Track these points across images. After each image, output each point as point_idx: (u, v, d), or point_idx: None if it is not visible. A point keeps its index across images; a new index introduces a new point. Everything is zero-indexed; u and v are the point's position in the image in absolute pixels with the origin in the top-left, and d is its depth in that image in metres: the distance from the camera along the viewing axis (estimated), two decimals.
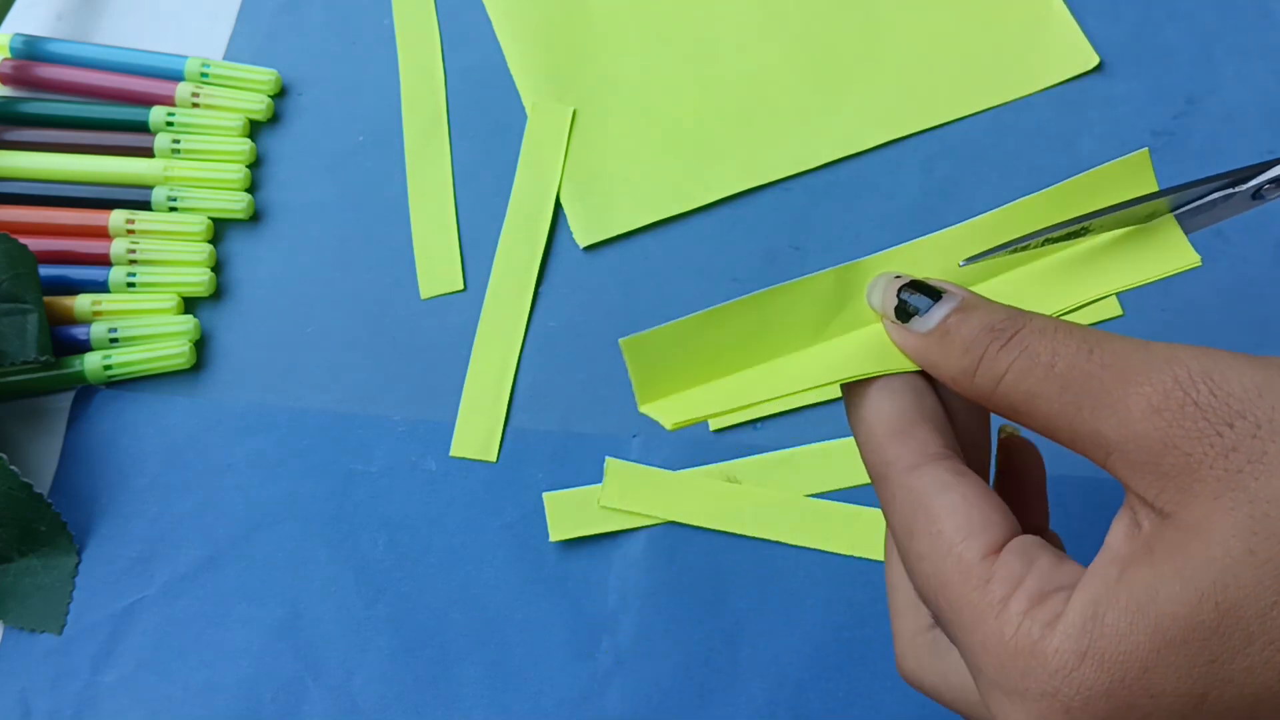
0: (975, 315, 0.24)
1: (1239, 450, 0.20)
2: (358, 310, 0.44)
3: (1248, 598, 0.20)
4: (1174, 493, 0.21)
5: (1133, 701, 0.20)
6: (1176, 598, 0.20)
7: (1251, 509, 0.20)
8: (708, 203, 0.44)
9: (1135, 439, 0.21)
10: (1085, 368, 0.22)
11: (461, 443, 0.41)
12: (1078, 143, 0.44)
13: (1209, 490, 0.20)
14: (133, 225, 0.44)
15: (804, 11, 0.47)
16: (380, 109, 0.47)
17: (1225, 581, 0.20)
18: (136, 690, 0.39)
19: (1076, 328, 0.23)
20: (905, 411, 0.24)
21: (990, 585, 0.22)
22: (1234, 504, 0.20)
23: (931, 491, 0.23)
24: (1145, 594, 0.21)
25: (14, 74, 0.47)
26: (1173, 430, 0.21)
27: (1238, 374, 0.21)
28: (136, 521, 0.41)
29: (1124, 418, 0.21)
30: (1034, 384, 0.22)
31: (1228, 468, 0.20)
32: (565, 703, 0.38)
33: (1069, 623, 0.21)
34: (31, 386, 0.42)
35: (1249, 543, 0.20)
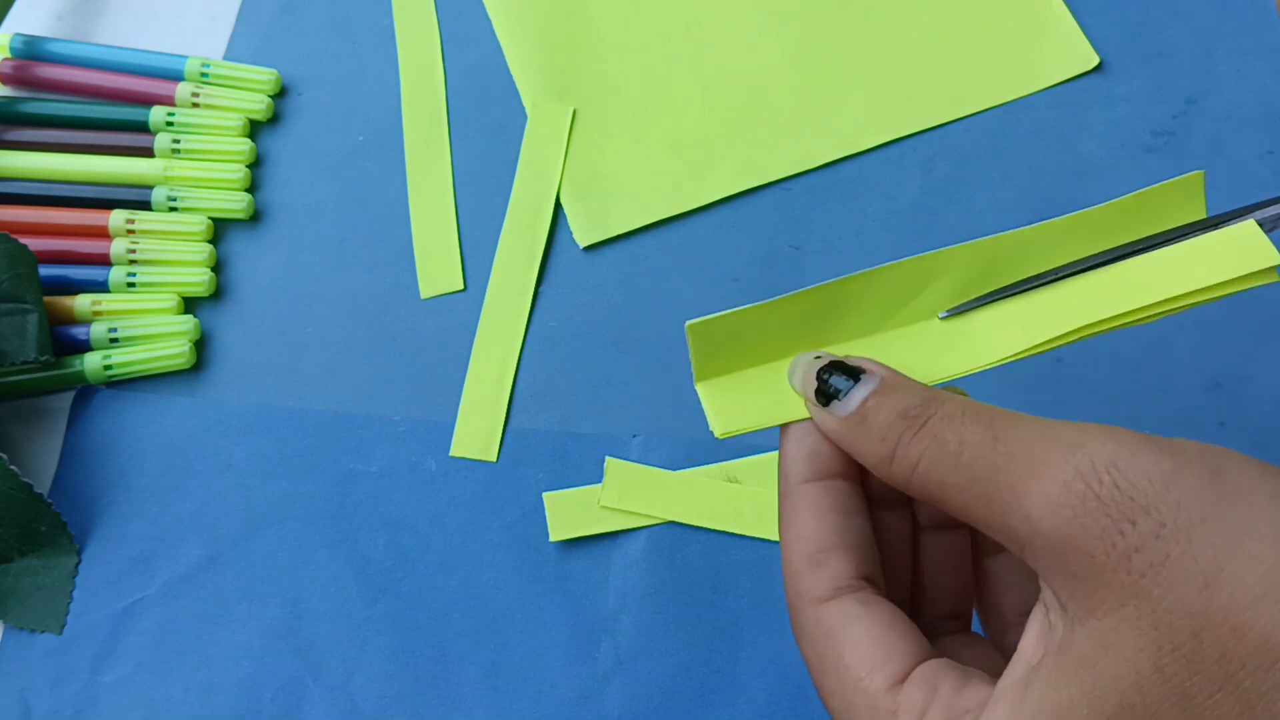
0: (890, 400, 0.23)
1: (1141, 552, 0.19)
2: (358, 310, 0.44)
3: (1154, 716, 0.19)
4: (1082, 596, 0.20)
5: None
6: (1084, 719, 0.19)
7: (1156, 620, 0.19)
8: (708, 203, 0.44)
9: (1040, 536, 0.20)
10: (990, 458, 0.21)
11: (461, 443, 0.41)
12: (1078, 143, 0.44)
13: (1114, 597, 0.19)
14: (133, 225, 0.44)
15: (804, 11, 0.47)
16: (380, 109, 0.47)
17: (1132, 701, 0.19)
18: (136, 690, 0.39)
19: (985, 412, 0.22)
20: (825, 536, 0.24)
21: (896, 718, 0.21)
22: (1139, 615, 0.19)
23: (838, 625, 0.23)
24: (1051, 717, 0.20)
25: (14, 74, 0.47)
26: (1074, 528, 0.20)
27: (1144, 463, 0.20)
28: (136, 521, 0.41)
29: (1027, 514, 0.20)
30: (944, 474, 0.22)
31: (1130, 571, 0.19)
32: (565, 703, 0.38)
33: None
34: (31, 386, 0.42)
35: (1156, 659, 0.19)
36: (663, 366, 0.42)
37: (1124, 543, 0.19)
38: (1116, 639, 0.19)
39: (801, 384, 0.25)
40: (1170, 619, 0.19)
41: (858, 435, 0.23)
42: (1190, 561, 0.19)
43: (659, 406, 0.41)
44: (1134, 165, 0.43)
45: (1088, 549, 0.20)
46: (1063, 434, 0.21)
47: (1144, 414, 0.40)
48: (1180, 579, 0.19)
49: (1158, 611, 0.19)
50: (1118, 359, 0.41)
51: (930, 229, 0.43)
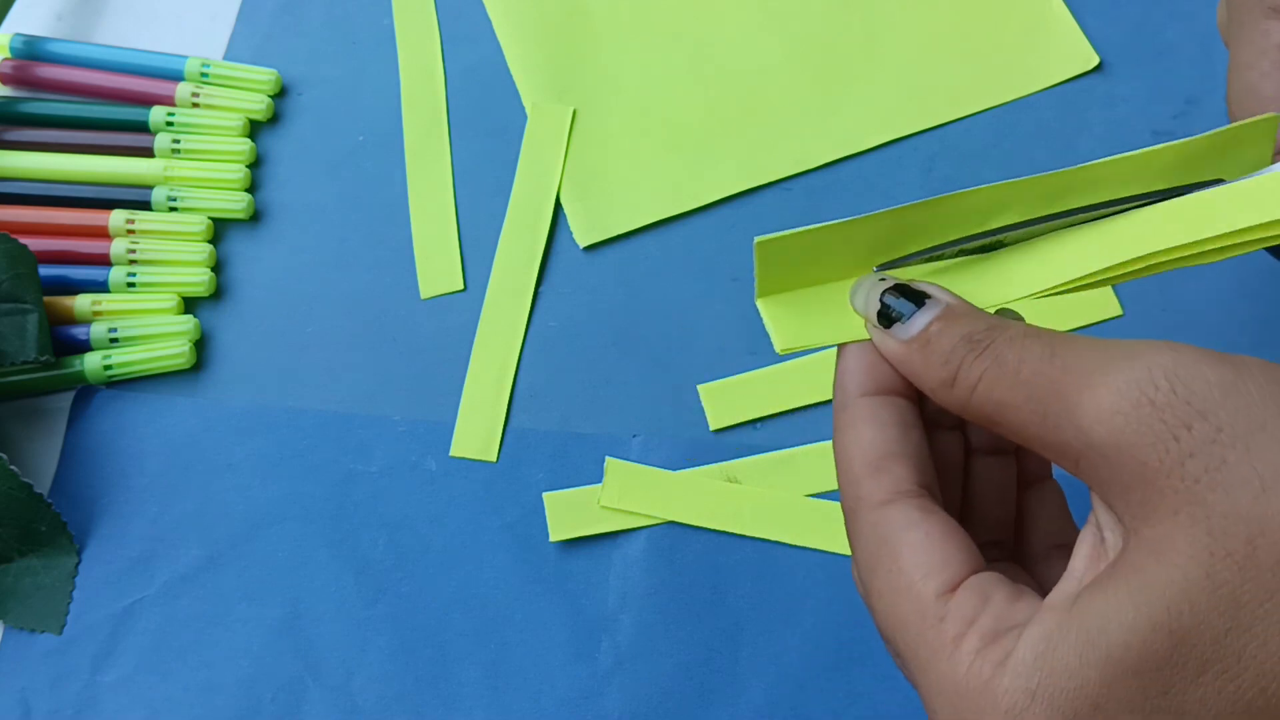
0: (955, 325, 0.23)
1: (1196, 457, 0.19)
2: (358, 310, 0.44)
3: (1202, 624, 0.19)
4: (1134, 507, 0.20)
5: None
6: (1129, 626, 0.19)
7: (1209, 526, 0.19)
8: (708, 203, 0.44)
9: (1093, 447, 0.20)
10: (1048, 373, 0.21)
11: (461, 443, 0.41)
12: (1078, 143, 0.44)
13: (1168, 504, 0.19)
14: (133, 225, 0.44)
15: (804, 11, 0.47)
16: (380, 109, 0.47)
17: (1180, 608, 0.19)
18: (136, 690, 0.39)
19: (1045, 333, 0.22)
20: (886, 446, 0.24)
21: (944, 624, 0.21)
22: (1191, 520, 0.19)
23: (896, 528, 0.23)
24: (1097, 625, 0.20)
25: (14, 74, 0.47)
26: (1128, 434, 0.20)
27: (1201, 371, 0.20)
28: (136, 521, 0.41)
29: (1081, 424, 0.20)
30: (1003, 393, 0.22)
31: (1184, 477, 0.19)
32: (565, 703, 0.38)
33: (1019, 660, 0.20)
34: (31, 386, 0.42)
35: (1207, 566, 0.19)
36: (663, 366, 0.42)
37: (1178, 448, 0.19)
38: (1168, 546, 0.19)
39: (864, 305, 0.25)
40: (1224, 524, 0.18)
41: (919, 359, 0.23)
42: (1247, 467, 0.19)
43: (659, 406, 0.41)
44: None
45: (1141, 456, 0.19)
46: (1118, 347, 0.21)
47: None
48: (1236, 484, 0.19)
49: (1211, 517, 0.19)
50: None
51: None
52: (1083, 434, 0.20)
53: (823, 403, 0.41)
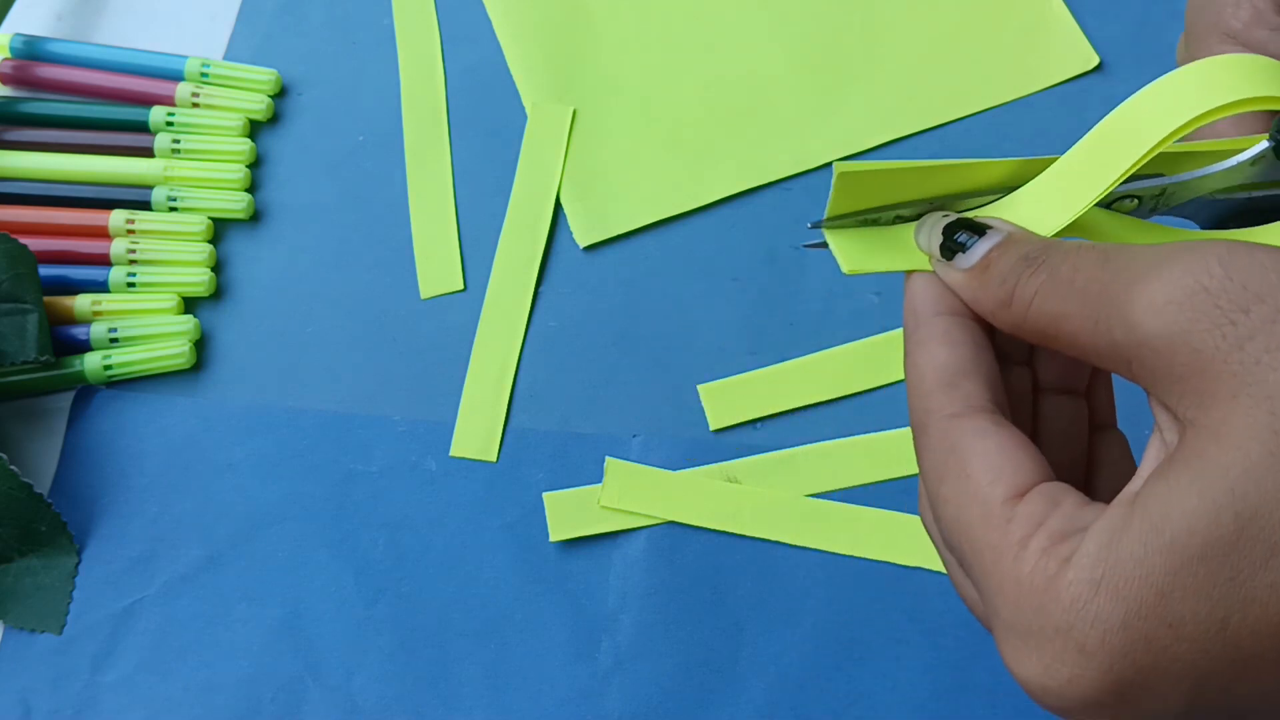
0: (1013, 248, 0.23)
1: (1256, 339, 0.19)
2: (358, 310, 0.44)
3: (1268, 505, 0.18)
4: (1192, 395, 0.19)
5: (1150, 634, 0.19)
6: (1192, 511, 0.19)
7: (1272, 404, 0.18)
8: (708, 203, 0.44)
9: (1147, 342, 0.20)
10: (1101, 278, 0.21)
11: (461, 443, 0.41)
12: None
13: (1226, 388, 0.19)
14: (133, 225, 0.44)
15: (804, 11, 0.47)
16: (380, 109, 0.47)
17: (1244, 489, 0.18)
18: (136, 690, 0.39)
19: (1100, 245, 0.22)
20: (960, 364, 0.24)
21: (1011, 526, 0.21)
22: (1253, 401, 0.18)
23: (967, 437, 0.23)
24: (1160, 512, 0.19)
25: (14, 74, 0.47)
26: (1181, 323, 0.19)
27: (1257, 258, 0.19)
28: (136, 521, 0.41)
29: (1134, 319, 0.20)
30: (1058, 303, 0.22)
31: (1243, 360, 0.19)
32: (565, 703, 0.38)
33: (1084, 553, 0.20)
34: (31, 386, 0.42)
35: (1269, 444, 0.18)
36: (663, 366, 0.42)
37: (1235, 332, 0.19)
38: (1228, 429, 0.19)
39: (928, 240, 0.25)
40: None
41: (980, 284, 0.24)
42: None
43: (659, 406, 0.41)
44: None
45: (1196, 343, 0.19)
46: (1175, 246, 0.21)
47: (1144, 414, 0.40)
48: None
49: (1274, 397, 0.18)
50: None
51: None
52: (1136, 330, 0.20)
53: (823, 403, 0.41)
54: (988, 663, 0.37)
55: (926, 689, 0.37)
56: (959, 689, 0.37)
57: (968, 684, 0.37)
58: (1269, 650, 0.18)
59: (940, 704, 0.37)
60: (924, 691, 0.37)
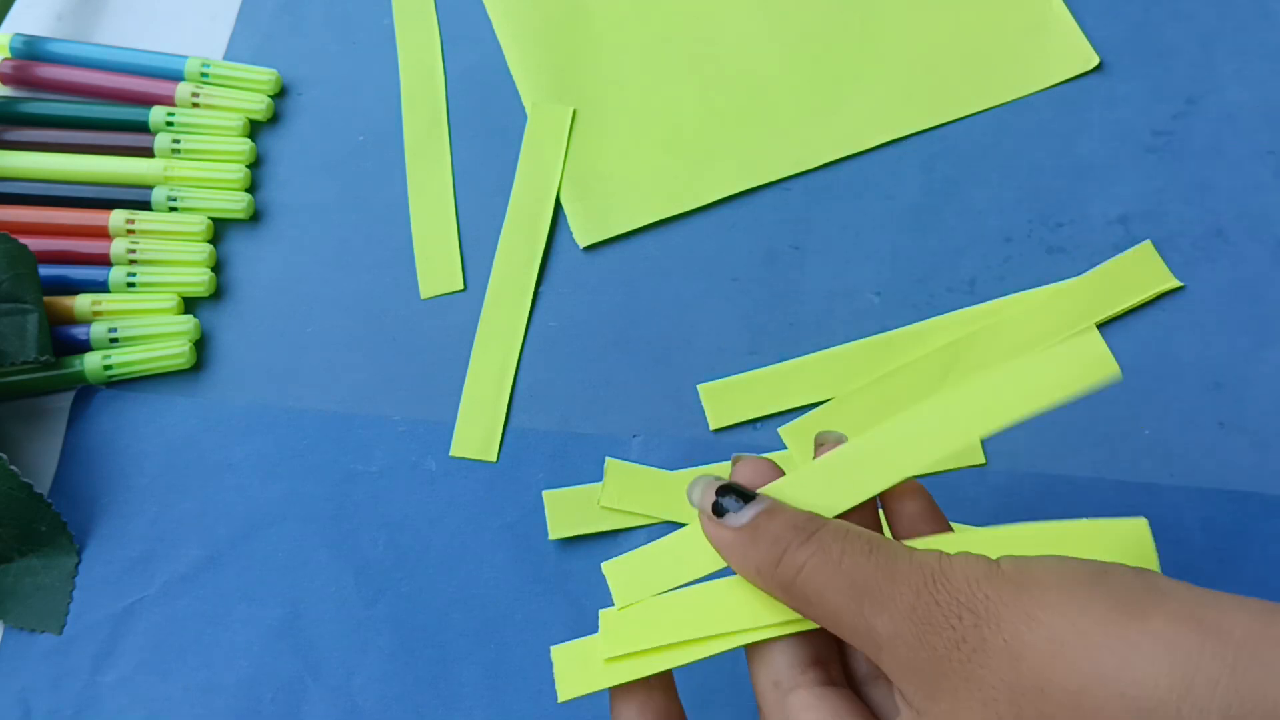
0: (781, 515, 0.26)
1: (967, 640, 0.22)
2: (358, 310, 0.44)
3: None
4: (927, 688, 0.23)
5: None
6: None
7: (983, 695, 0.22)
8: (708, 203, 0.44)
9: (899, 637, 0.24)
10: (865, 567, 0.25)
11: (461, 443, 0.41)
12: (1078, 143, 0.44)
13: (950, 684, 0.23)
14: (133, 225, 0.44)
15: (804, 11, 0.47)
16: (380, 109, 0.47)
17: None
18: (136, 690, 0.39)
19: (865, 532, 0.26)
20: (796, 647, 0.27)
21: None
22: (969, 693, 0.22)
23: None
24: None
25: (14, 74, 0.47)
26: (922, 628, 0.23)
27: (962, 570, 0.23)
28: (136, 521, 0.41)
29: (891, 615, 0.24)
30: (826, 579, 0.25)
31: (961, 659, 0.22)
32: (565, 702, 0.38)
33: None
34: (31, 386, 0.42)
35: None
36: (663, 366, 0.42)
37: (954, 635, 0.23)
38: (953, 717, 0.23)
39: (700, 498, 0.28)
40: (992, 693, 0.22)
41: (750, 542, 0.27)
42: (1000, 641, 0.22)
43: (659, 406, 0.41)
44: (1134, 165, 0.43)
45: (931, 643, 0.23)
46: (919, 553, 0.25)
47: (1144, 414, 0.40)
48: (994, 657, 0.22)
49: (983, 688, 0.22)
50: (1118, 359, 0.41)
51: (930, 229, 0.43)
52: (891, 624, 0.24)
53: (822, 401, 0.41)
54: None
55: None
56: None
57: None
58: None
59: None
60: None
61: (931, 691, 0.23)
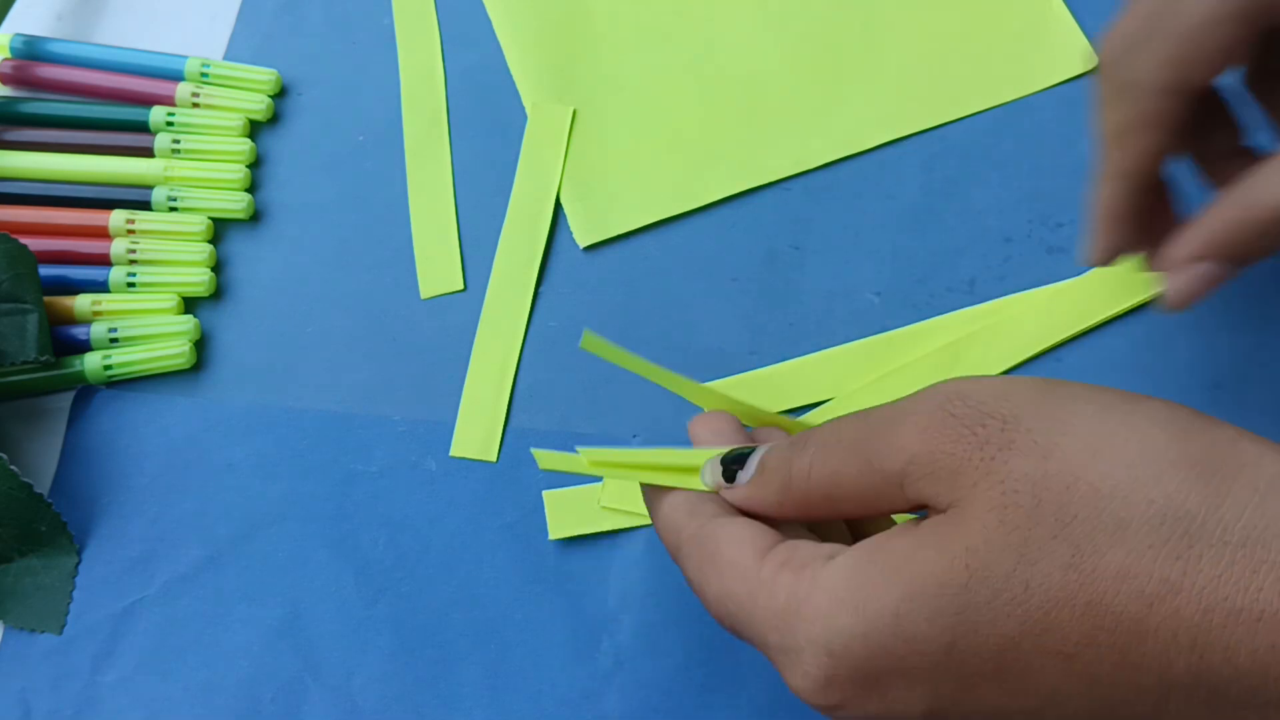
0: (777, 448, 0.28)
1: (991, 442, 0.24)
2: (358, 310, 0.44)
3: (996, 560, 0.23)
4: (946, 491, 0.24)
5: (887, 645, 0.24)
6: (931, 560, 0.23)
7: (1003, 487, 0.23)
8: (708, 203, 0.44)
9: (914, 459, 0.25)
10: (864, 428, 0.26)
11: (461, 443, 0.41)
12: (1078, 143, 0.44)
13: (969, 479, 0.24)
14: (133, 225, 0.44)
15: (804, 11, 0.47)
16: (380, 109, 0.47)
17: (976, 547, 0.23)
18: (136, 690, 0.39)
19: (847, 414, 0.27)
20: (689, 500, 0.29)
21: (762, 572, 0.26)
22: (989, 486, 0.23)
23: (712, 531, 0.28)
24: (902, 556, 0.24)
25: (14, 74, 0.47)
26: (940, 441, 0.24)
27: (982, 386, 0.25)
28: (136, 521, 0.41)
29: (902, 445, 0.25)
30: (834, 463, 0.26)
31: (984, 457, 0.24)
32: (565, 703, 0.38)
33: (828, 578, 0.25)
34: (31, 386, 0.42)
35: (1000, 515, 0.23)
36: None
37: (976, 438, 0.24)
38: (969, 509, 0.24)
39: (713, 477, 0.30)
40: (1014, 484, 0.23)
41: (761, 483, 0.28)
42: (1030, 442, 0.23)
43: (659, 406, 0.41)
44: None
45: (949, 450, 0.24)
46: (907, 398, 0.26)
47: None
48: (1022, 454, 0.23)
49: (1005, 480, 0.23)
50: (1117, 359, 0.41)
51: (930, 229, 0.43)
52: (903, 452, 0.25)
53: (821, 401, 0.41)
54: None
55: None
56: None
57: None
58: (990, 673, 0.23)
59: None
60: None
61: (953, 490, 0.24)
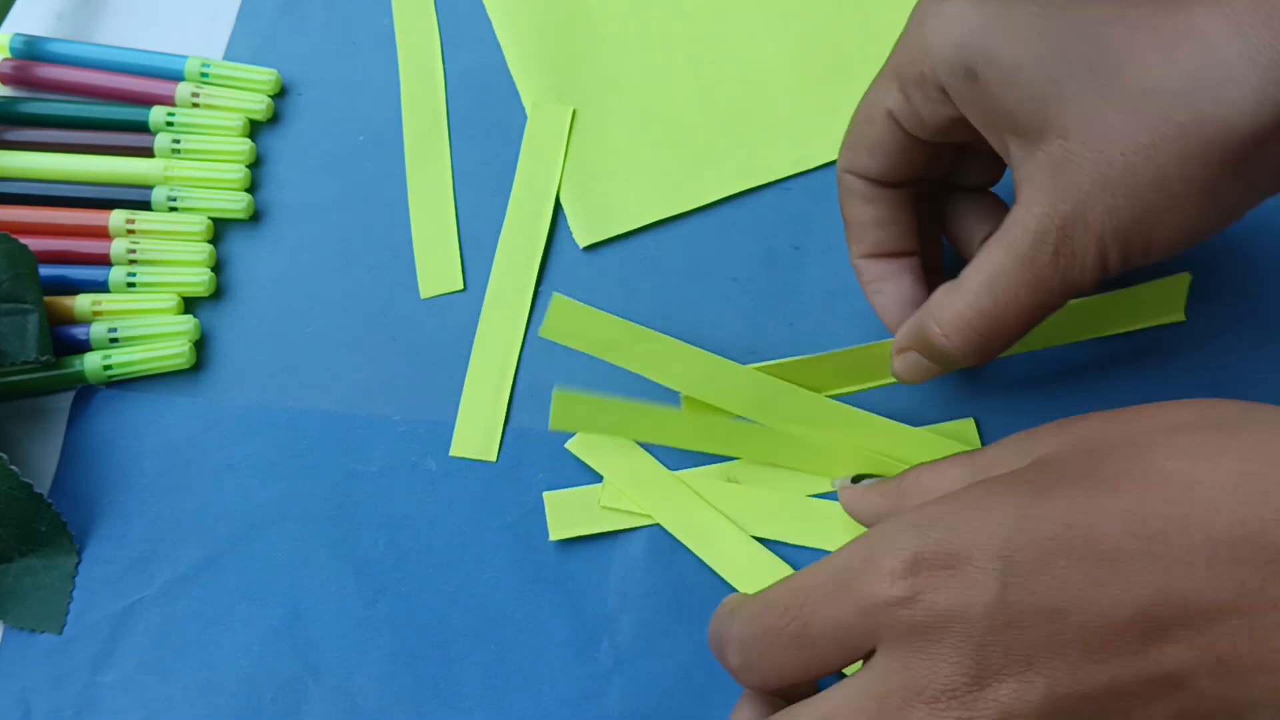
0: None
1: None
2: (358, 310, 0.44)
3: (1070, 452, 0.29)
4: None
5: (970, 517, 0.27)
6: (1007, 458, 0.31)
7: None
8: (708, 203, 0.44)
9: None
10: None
11: (461, 442, 0.41)
12: None
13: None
14: (133, 225, 0.44)
15: (804, 11, 0.47)
16: (380, 109, 0.47)
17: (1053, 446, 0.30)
18: (136, 690, 0.39)
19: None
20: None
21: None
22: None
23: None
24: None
25: (14, 74, 0.47)
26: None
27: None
28: (136, 521, 0.41)
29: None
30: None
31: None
32: (565, 703, 0.38)
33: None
34: (31, 386, 0.42)
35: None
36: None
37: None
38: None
39: (839, 482, 0.38)
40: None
41: (878, 491, 0.37)
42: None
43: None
44: None
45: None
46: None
47: None
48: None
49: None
50: (1117, 359, 0.41)
51: None
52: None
53: None
54: None
55: None
56: None
57: None
58: (1058, 537, 0.25)
59: None
60: None
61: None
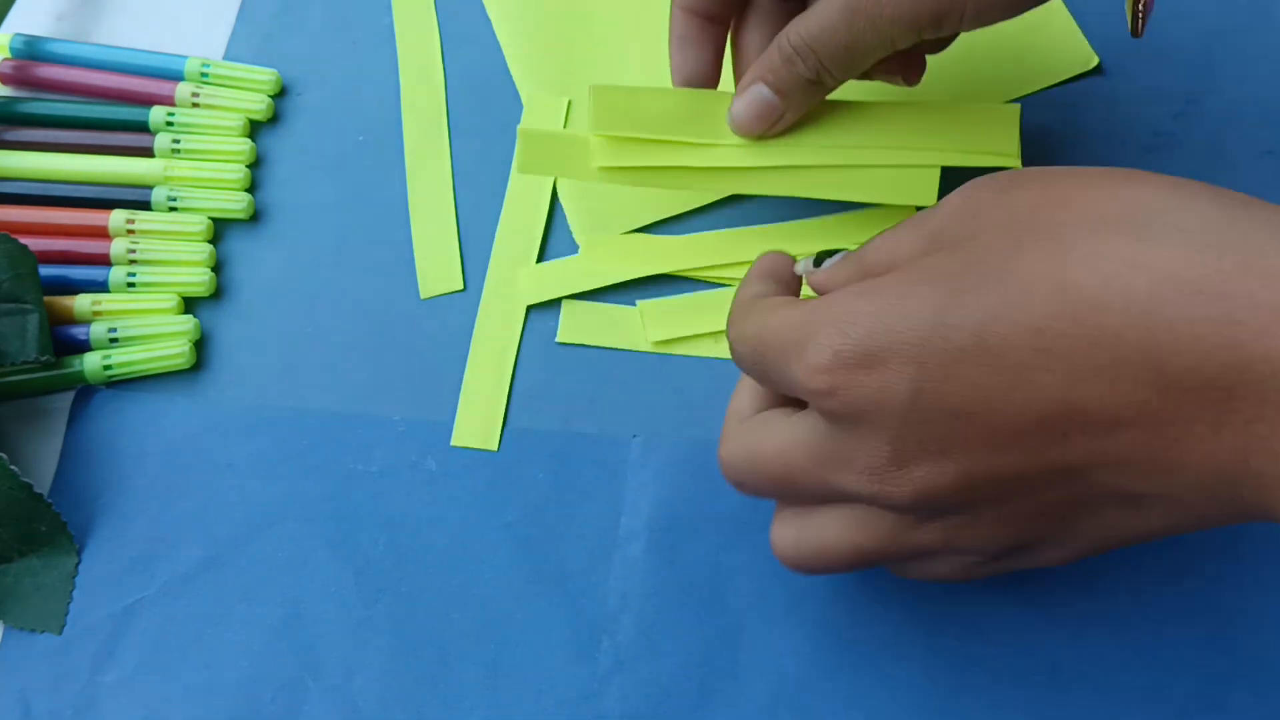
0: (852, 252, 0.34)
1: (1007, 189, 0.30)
2: (358, 310, 0.44)
3: (987, 254, 0.27)
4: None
5: (889, 322, 0.26)
6: (934, 264, 0.27)
7: (1009, 211, 0.28)
8: (708, 203, 0.44)
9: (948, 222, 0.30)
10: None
11: (462, 432, 0.41)
12: (1078, 143, 0.44)
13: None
14: (133, 225, 0.44)
15: None
16: (380, 109, 0.47)
17: (974, 248, 0.27)
18: (136, 690, 0.39)
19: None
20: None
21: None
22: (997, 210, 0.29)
23: (768, 299, 0.31)
24: (912, 262, 0.28)
25: (14, 74, 0.47)
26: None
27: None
28: (136, 521, 0.41)
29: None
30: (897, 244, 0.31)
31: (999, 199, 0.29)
32: (565, 703, 0.38)
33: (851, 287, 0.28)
34: (31, 386, 0.42)
35: (1001, 228, 0.28)
36: (663, 366, 0.42)
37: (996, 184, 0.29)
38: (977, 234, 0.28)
39: (804, 267, 0.34)
40: (1016, 208, 0.28)
41: (840, 268, 0.33)
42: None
43: (659, 406, 0.41)
44: (1134, 165, 0.43)
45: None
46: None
47: None
48: (1023, 187, 0.28)
49: (1010, 207, 0.28)
50: None
51: None
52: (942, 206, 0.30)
53: None
54: (988, 664, 0.37)
55: (926, 689, 0.37)
56: (959, 690, 0.37)
57: (968, 685, 0.37)
58: (970, 348, 0.25)
59: (940, 704, 0.37)
60: (924, 691, 0.37)
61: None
